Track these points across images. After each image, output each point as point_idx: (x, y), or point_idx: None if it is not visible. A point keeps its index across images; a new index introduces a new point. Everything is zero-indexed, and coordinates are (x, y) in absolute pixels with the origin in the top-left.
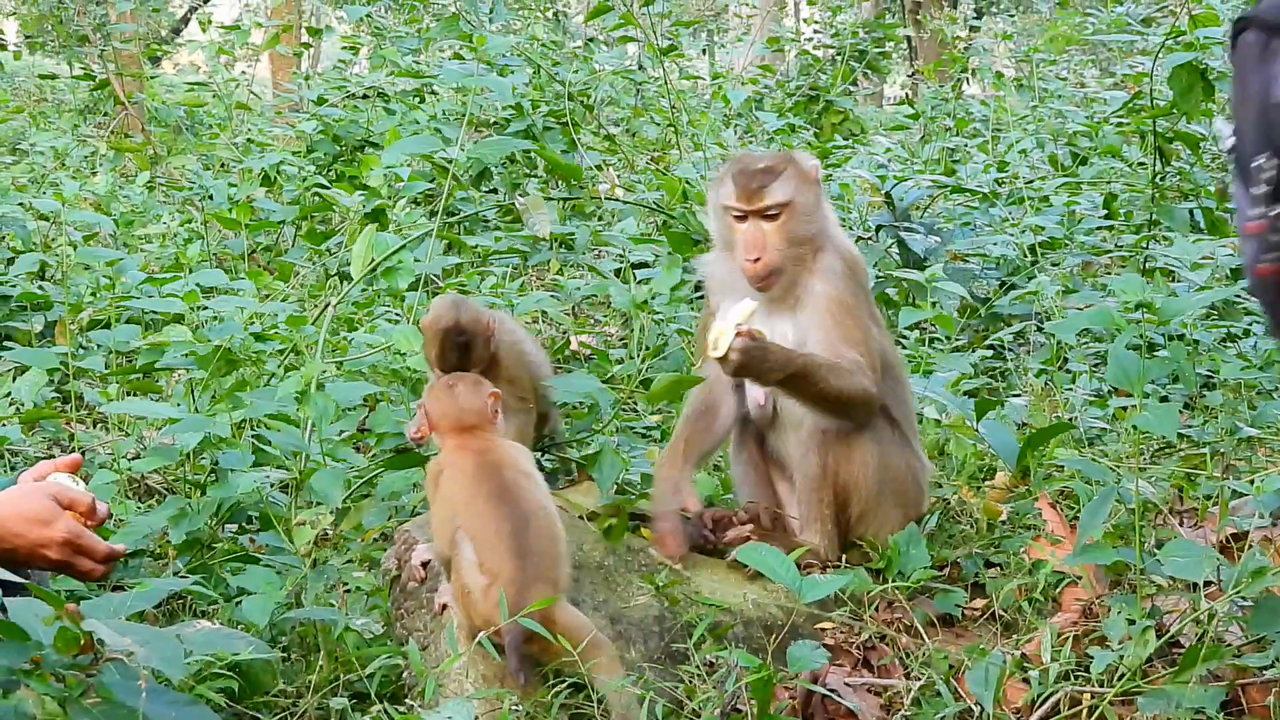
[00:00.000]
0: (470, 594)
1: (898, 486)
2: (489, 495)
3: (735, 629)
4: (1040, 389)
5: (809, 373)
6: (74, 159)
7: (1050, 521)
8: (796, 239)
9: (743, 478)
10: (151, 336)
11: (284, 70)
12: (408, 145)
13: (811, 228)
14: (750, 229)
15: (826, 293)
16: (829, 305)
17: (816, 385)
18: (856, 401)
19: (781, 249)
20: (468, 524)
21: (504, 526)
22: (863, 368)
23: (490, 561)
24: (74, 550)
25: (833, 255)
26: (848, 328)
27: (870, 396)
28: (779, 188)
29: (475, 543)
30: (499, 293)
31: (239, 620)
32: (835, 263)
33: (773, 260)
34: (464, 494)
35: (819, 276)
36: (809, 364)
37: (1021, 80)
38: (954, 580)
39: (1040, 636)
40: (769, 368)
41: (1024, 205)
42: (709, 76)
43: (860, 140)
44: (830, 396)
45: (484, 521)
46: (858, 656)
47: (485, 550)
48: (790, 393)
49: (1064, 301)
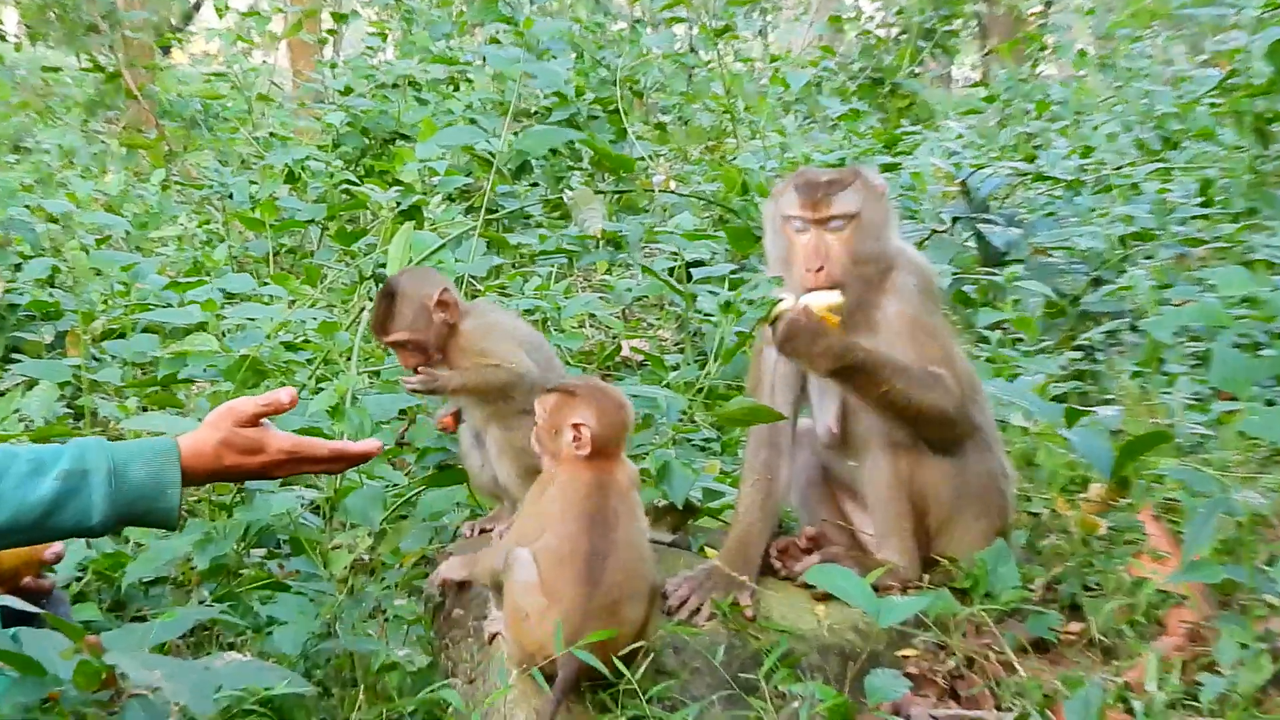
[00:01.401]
0: (526, 618)
1: (979, 495)
2: (581, 515)
3: (808, 657)
4: (1135, 393)
5: (873, 370)
6: (83, 157)
7: (1153, 536)
8: (862, 256)
9: (804, 500)
10: (172, 346)
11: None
12: (445, 137)
13: (879, 245)
14: (813, 239)
15: (902, 313)
16: (907, 326)
17: (882, 388)
18: (934, 417)
19: (845, 264)
20: (546, 540)
21: (581, 548)
22: (946, 384)
23: (556, 583)
24: (300, 463)
25: (905, 273)
26: (930, 348)
27: (953, 417)
28: (846, 198)
29: (544, 562)
30: (544, 295)
31: (270, 652)
32: (909, 280)
33: (835, 273)
34: (561, 510)
35: (892, 296)
36: (874, 360)
37: (1105, 59)
38: (1047, 601)
39: (1144, 663)
40: (819, 351)
41: (1112, 194)
42: (766, 59)
43: (930, 126)
44: (900, 404)
45: (562, 540)
46: (943, 686)
47: (553, 570)
48: (855, 392)
49: (1159, 297)
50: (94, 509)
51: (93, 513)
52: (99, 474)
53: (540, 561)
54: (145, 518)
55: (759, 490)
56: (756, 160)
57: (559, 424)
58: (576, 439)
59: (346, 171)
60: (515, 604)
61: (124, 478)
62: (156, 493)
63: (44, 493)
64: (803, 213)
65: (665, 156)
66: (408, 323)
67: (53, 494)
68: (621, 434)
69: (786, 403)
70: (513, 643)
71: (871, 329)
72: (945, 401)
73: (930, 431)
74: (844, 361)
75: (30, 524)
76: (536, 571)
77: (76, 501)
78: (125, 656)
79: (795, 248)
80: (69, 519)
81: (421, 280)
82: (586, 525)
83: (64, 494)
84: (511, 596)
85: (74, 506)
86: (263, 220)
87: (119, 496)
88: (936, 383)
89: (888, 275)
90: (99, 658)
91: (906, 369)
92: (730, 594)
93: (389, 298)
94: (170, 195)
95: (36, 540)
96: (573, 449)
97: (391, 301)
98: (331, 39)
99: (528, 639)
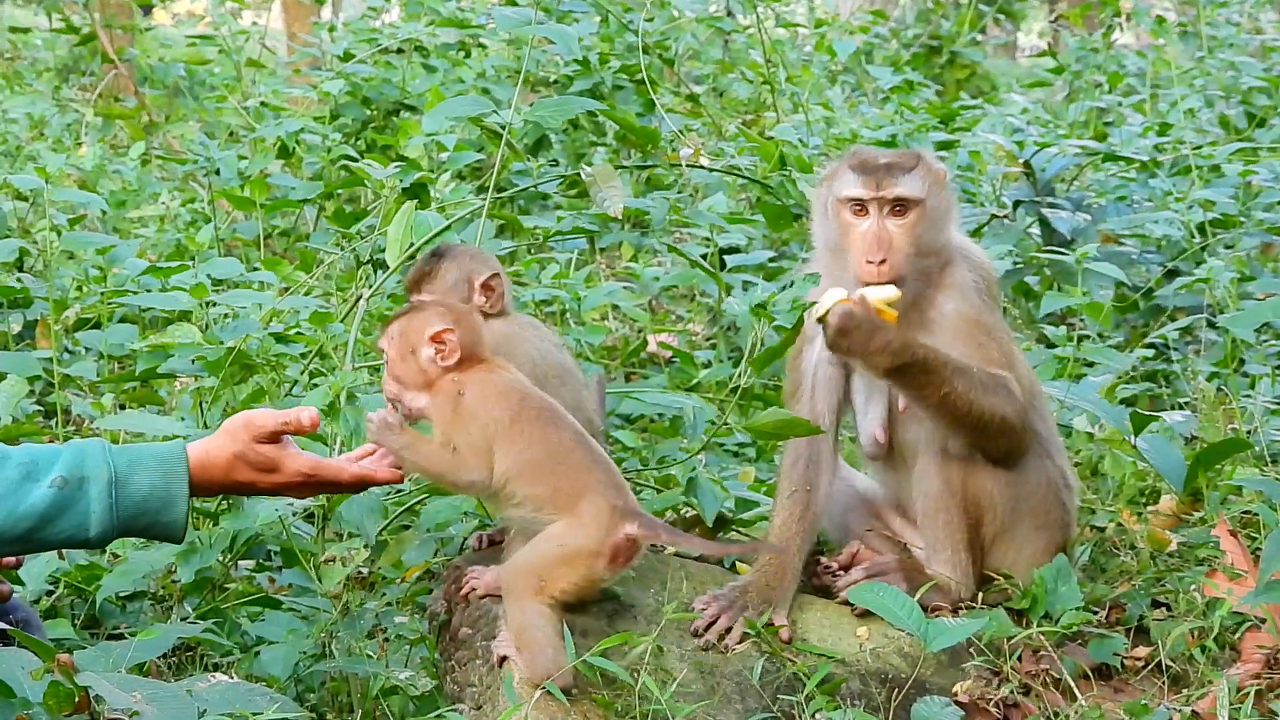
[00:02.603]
0: (563, 547)
1: (1038, 505)
2: (525, 411)
3: (849, 683)
4: (1212, 396)
5: (934, 369)
6: (55, 128)
7: (1229, 553)
8: (925, 247)
9: (843, 518)
10: (152, 337)
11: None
12: (453, 108)
13: (942, 237)
14: (874, 226)
15: (961, 312)
16: (965, 326)
17: (942, 389)
18: (995, 424)
19: (908, 256)
20: (519, 460)
21: (564, 440)
22: (1010, 388)
23: (570, 485)
24: (318, 486)
25: (963, 269)
26: (989, 350)
27: (1015, 424)
28: (910, 182)
29: (540, 479)
30: (562, 283)
31: (259, 674)
32: (967, 277)
33: (898, 266)
34: (508, 419)
35: (950, 293)
36: (934, 359)
37: (1186, 26)
38: (1112, 624)
39: (1216, 691)
40: (876, 347)
41: (1190, 176)
42: (810, 24)
43: (992, 99)
44: (961, 408)
45: (535, 445)
46: (997, 716)
47: (554, 476)
48: (910, 394)
49: (1240, 290)
50: (92, 520)
51: (90, 524)
52: (99, 482)
53: (537, 482)
54: (148, 531)
55: (797, 502)
56: (797, 134)
57: (414, 344)
58: (440, 348)
59: (345, 146)
60: (554, 551)
61: (127, 487)
62: (162, 505)
63: (36, 501)
64: (864, 192)
65: (697, 131)
66: (446, 288)
67: (47, 503)
68: (480, 333)
69: (828, 408)
70: (525, 660)
71: (926, 328)
72: (1008, 407)
73: (990, 440)
74: (903, 359)
75: (20, 535)
76: (543, 502)
77: (73, 511)
78: (100, 677)
79: (851, 235)
80: (64, 530)
81: (475, 256)
82: (540, 418)
83: (59, 503)
84: (548, 547)
85: (70, 517)
86: (253, 199)
87: (121, 508)
88: (999, 386)
89: (945, 270)
90: (71, 678)
91: (968, 370)
92: (765, 613)
93: (437, 258)
94: (151, 171)
95: (27, 551)
96: (437, 362)
97: (438, 262)
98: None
99: (577, 573)
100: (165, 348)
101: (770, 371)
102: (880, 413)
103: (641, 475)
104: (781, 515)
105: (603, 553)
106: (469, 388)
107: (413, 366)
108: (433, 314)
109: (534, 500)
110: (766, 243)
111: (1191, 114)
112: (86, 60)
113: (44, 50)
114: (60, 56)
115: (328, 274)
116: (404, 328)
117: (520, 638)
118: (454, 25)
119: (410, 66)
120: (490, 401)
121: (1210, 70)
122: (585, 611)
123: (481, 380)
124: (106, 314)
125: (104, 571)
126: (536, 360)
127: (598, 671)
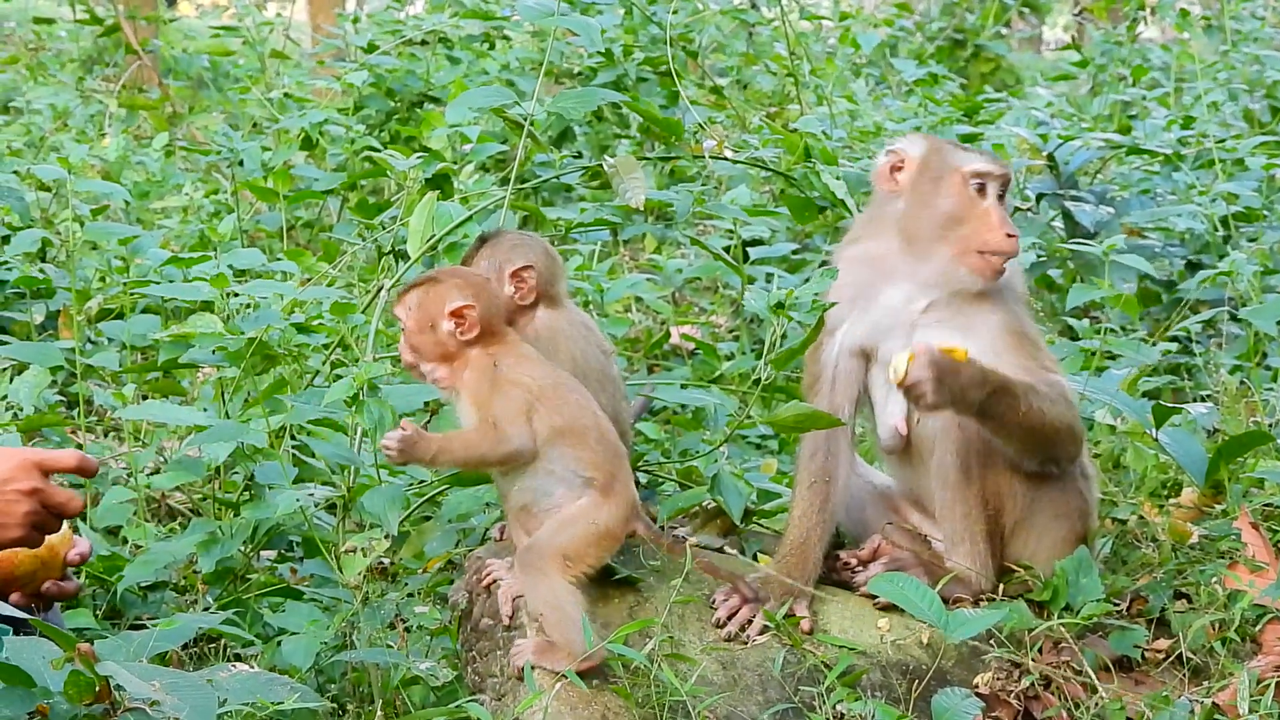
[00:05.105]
0: (595, 523)
1: (1057, 495)
2: (562, 380)
3: (870, 674)
4: (1235, 389)
5: (1011, 391)
6: (78, 119)
7: (1250, 545)
8: None
9: (861, 512)
10: (174, 328)
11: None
12: (476, 99)
13: None
14: (995, 202)
15: (1006, 323)
16: (1014, 338)
17: (1019, 409)
18: (1064, 433)
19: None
20: (562, 424)
21: (595, 410)
22: (1068, 396)
23: (600, 458)
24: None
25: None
26: (1034, 355)
27: (1078, 430)
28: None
29: (584, 448)
30: (585, 275)
31: (279, 664)
32: (1005, 282)
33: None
34: (552, 383)
35: (993, 303)
36: (1008, 381)
37: (1210, 20)
38: (1133, 616)
39: (1237, 683)
40: (966, 383)
41: (1214, 169)
42: (835, 17)
43: (1016, 93)
44: (1036, 424)
45: (580, 411)
46: (1017, 708)
47: (595, 450)
48: (990, 422)
49: (1264, 284)
50: None
51: None
52: None
53: (581, 445)
54: None
55: (816, 493)
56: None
57: (433, 317)
58: (460, 323)
59: (369, 137)
60: (588, 530)
61: None
62: None
63: None
64: (994, 167)
65: (721, 123)
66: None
67: None
68: (500, 307)
69: (847, 400)
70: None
71: (965, 333)
72: (1070, 414)
73: (1060, 449)
74: (991, 386)
75: None
76: (585, 465)
77: None
78: (121, 667)
79: (975, 209)
80: None
81: (517, 245)
82: (578, 388)
83: None
84: (582, 525)
85: None
86: (276, 190)
87: None
88: (1060, 395)
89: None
90: (92, 668)
91: (1035, 386)
92: (785, 604)
93: (481, 242)
94: (174, 162)
95: None
96: (457, 336)
97: (480, 246)
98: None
99: (599, 554)
100: (187, 338)
101: (793, 364)
102: (901, 405)
103: (663, 468)
104: (801, 506)
105: (621, 539)
106: (502, 358)
107: (431, 339)
108: (451, 287)
109: (577, 462)
110: (790, 235)
111: (1215, 107)
112: (110, 51)
113: (68, 41)
114: (84, 48)
115: (350, 265)
116: (422, 299)
117: (551, 615)
118: (478, 17)
119: (434, 58)
120: (528, 365)
121: (1234, 64)
122: (607, 603)
123: (511, 350)
124: (129, 304)
125: (125, 562)
126: (578, 360)
127: (619, 661)
